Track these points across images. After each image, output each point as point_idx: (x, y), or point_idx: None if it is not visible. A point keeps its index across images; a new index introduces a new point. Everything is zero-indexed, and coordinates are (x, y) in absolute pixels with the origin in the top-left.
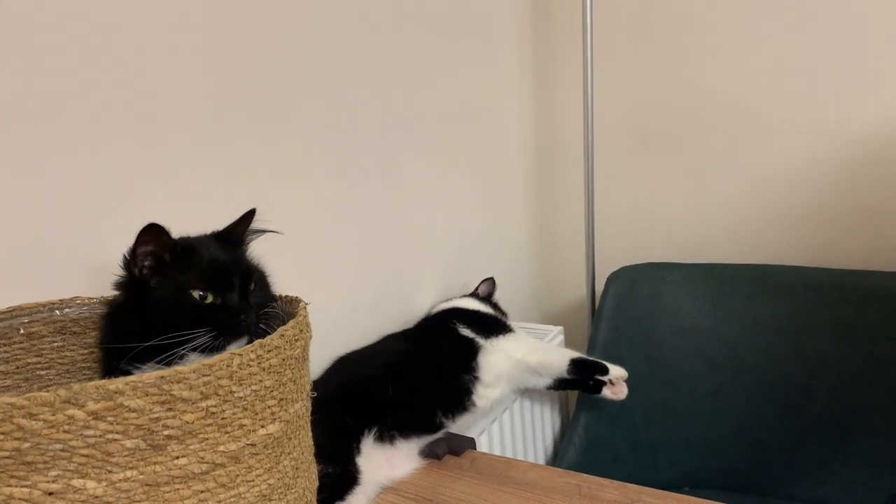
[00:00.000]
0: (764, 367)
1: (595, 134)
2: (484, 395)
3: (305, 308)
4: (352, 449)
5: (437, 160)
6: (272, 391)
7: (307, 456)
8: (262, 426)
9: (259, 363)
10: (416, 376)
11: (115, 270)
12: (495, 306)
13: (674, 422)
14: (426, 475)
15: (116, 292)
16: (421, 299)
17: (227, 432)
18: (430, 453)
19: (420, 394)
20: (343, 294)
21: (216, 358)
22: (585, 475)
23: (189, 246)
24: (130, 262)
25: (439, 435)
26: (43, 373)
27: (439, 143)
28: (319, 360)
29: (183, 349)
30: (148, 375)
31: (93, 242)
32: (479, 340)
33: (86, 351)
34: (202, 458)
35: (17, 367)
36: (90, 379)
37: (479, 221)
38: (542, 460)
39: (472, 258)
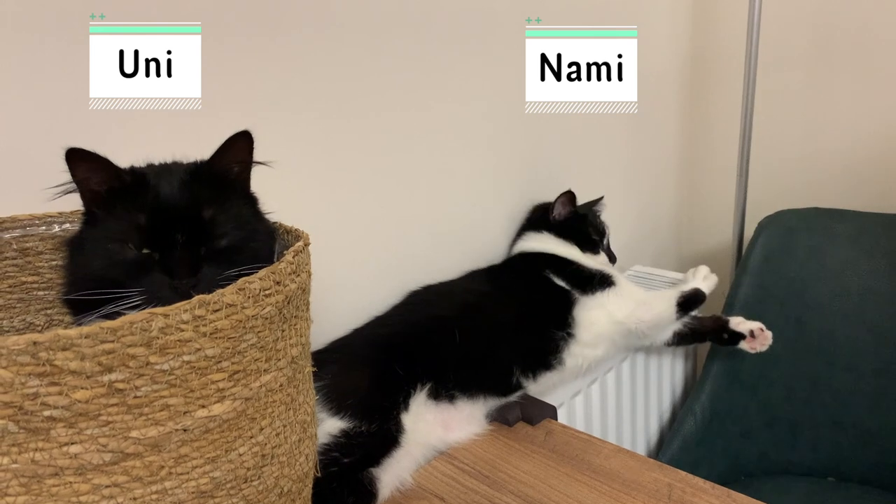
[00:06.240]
0: None
1: (760, 41)
2: (579, 354)
3: (304, 251)
4: (397, 404)
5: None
6: (219, 362)
7: (289, 437)
8: (203, 406)
9: (196, 327)
10: (494, 324)
11: None
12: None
13: (824, 400)
14: (489, 444)
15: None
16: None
17: (144, 414)
18: (499, 417)
19: (496, 346)
20: (425, 216)
21: (124, 319)
22: (682, 473)
23: (139, 181)
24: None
25: (513, 398)
26: (42, 293)
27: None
28: (390, 293)
29: (113, 308)
30: (16, 339)
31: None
32: (576, 294)
33: None
34: (104, 446)
35: (11, 286)
36: None
37: (613, 143)
38: (654, 428)
39: (598, 187)
